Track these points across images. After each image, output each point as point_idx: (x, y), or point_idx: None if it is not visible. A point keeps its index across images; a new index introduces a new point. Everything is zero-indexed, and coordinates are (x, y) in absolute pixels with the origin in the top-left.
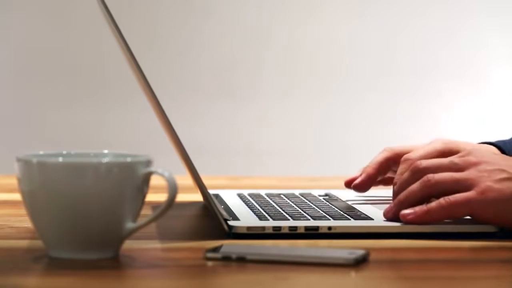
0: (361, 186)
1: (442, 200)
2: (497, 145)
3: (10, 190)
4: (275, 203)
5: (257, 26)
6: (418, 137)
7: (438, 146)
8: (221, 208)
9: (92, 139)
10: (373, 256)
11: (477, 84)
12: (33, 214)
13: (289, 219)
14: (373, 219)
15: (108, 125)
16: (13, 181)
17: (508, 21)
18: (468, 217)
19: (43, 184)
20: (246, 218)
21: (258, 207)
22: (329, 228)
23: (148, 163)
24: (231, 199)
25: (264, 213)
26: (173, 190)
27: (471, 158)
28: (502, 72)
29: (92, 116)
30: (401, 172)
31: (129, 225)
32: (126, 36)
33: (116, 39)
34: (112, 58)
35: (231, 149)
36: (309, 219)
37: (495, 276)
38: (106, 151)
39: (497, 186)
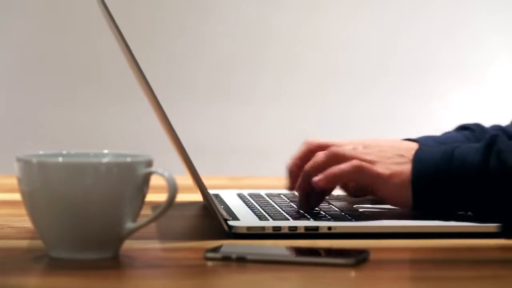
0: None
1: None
2: (417, 142)
3: (10, 190)
4: (275, 203)
5: (256, 26)
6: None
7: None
8: (221, 208)
9: (92, 139)
10: (373, 256)
11: (476, 84)
12: (33, 214)
13: (289, 219)
14: (373, 219)
15: (108, 125)
16: (13, 181)
17: (508, 20)
18: (468, 217)
19: (43, 184)
20: (246, 218)
21: (258, 207)
22: (329, 228)
23: (148, 163)
24: (231, 199)
25: (264, 213)
26: (173, 190)
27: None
28: (501, 72)
29: (92, 116)
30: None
31: (129, 225)
32: (126, 36)
33: (116, 39)
34: (111, 58)
35: (231, 149)
36: (309, 219)
37: (495, 276)
38: (106, 151)
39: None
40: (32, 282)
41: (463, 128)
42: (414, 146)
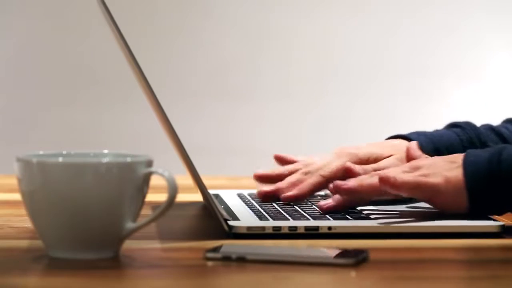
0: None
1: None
2: (409, 138)
3: (10, 190)
4: (275, 203)
5: (255, 27)
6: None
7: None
8: (221, 208)
9: (92, 139)
10: (373, 256)
11: (475, 83)
12: (33, 214)
13: (289, 219)
14: (373, 219)
15: (108, 125)
16: (13, 181)
17: (506, 19)
18: (468, 217)
19: (43, 184)
20: (246, 218)
21: (258, 207)
22: (329, 228)
23: (148, 163)
24: (231, 199)
25: (264, 213)
26: (173, 190)
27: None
28: (500, 70)
29: (92, 116)
30: (312, 183)
31: (129, 225)
32: (126, 36)
33: (116, 39)
34: (111, 58)
35: (231, 149)
36: (309, 219)
37: (495, 276)
38: (106, 151)
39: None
40: (32, 282)
41: (453, 125)
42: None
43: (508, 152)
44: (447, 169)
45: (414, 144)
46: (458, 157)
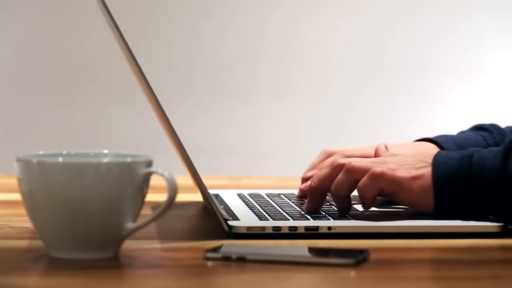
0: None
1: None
2: (436, 141)
3: (10, 190)
4: (275, 203)
5: (255, 26)
6: (415, 136)
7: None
8: (221, 208)
9: (92, 139)
10: (373, 256)
11: (475, 82)
12: (33, 214)
13: (289, 219)
14: (373, 219)
15: (108, 125)
16: (13, 181)
17: (506, 18)
18: (468, 217)
19: (43, 184)
20: (246, 218)
21: (258, 207)
22: (329, 228)
23: (148, 163)
24: (231, 199)
25: (264, 213)
26: (173, 190)
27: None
28: (500, 70)
29: (92, 116)
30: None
31: (129, 225)
32: (126, 36)
33: (116, 39)
34: (111, 58)
35: (231, 149)
36: (309, 219)
37: (495, 276)
38: (106, 151)
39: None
40: (32, 282)
41: (479, 128)
42: (433, 151)
43: (479, 155)
44: (416, 167)
45: (382, 145)
46: (429, 157)
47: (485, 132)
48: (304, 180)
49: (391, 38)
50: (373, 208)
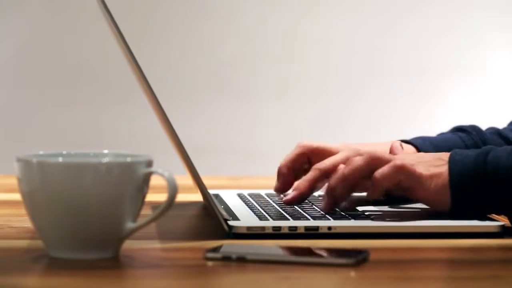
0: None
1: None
2: (413, 143)
3: (10, 190)
4: (275, 203)
5: (255, 26)
6: (415, 136)
7: (349, 153)
8: (221, 208)
9: (92, 139)
10: (373, 256)
11: (475, 83)
12: (33, 214)
13: (289, 219)
14: (373, 219)
15: (108, 125)
16: (13, 181)
17: (506, 18)
18: (468, 217)
19: (43, 184)
20: (246, 218)
21: (258, 207)
22: (329, 228)
23: (148, 163)
24: (231, 199)
25: (264, 213)
26: (173, 190)
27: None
28: (500, 70)
29: (92, 116)
30: (309, 179)
31: (129, 225)
32: (126, 36)
33: (115, 39)
34: (111, 58)
35: (231, 149)
36: (309, 219)
37: (495, 276)
38: (106, 151)
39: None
40: (32, 282)
41: (458, 129)
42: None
43: (494, 153)
44: (434, 165)
45: (397, 143)
46: (445, 155)
47: (464, 133)
48: (283, 174)
49: (391, 38)
50: (373, 208)
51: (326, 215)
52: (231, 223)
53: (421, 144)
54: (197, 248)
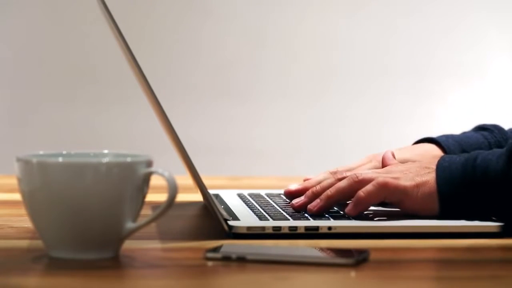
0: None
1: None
2: (437, 140)
3: (10, 190)
4: (275, 203)
5: (255, 26)
6: (415, 136)
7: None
8: (221, 208)
9: (92, 139)
10: (373, 256)
11: (475, 82)
12: (33, 214)
13: (289, 219)
14: (373, 219)
15: (108, 125)
16: (13, 181)
17: (506, 18)
18: (468, 217)
19: (43, 184)
20: (246, 218)
21: (258, 207)
22: (329, 228)
23: (148, 163)
24: (231, 199)
25: (264, 213)
26: (173, 190)
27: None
28: (500, 70)
29: (92, 116)
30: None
31: (129, 225)
32: (126, 36)
33: (116, 39)
34: (111, 58)
35: (231, 149)
36: (309, 219)
37: (495, 276)
38: (106, 151)
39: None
40: (32, 282)
41: (481, 128)
42: (435, 152)
43: (482, 157)
44: (419, 174)
45: (388, 152)
46: (432, 163)
47: (486, 131)
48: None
49: (391, 38)
50: (373, 208)
51: (326, 215)
52: (231, 223)
53: (445, 141)
54: (197, 248)
